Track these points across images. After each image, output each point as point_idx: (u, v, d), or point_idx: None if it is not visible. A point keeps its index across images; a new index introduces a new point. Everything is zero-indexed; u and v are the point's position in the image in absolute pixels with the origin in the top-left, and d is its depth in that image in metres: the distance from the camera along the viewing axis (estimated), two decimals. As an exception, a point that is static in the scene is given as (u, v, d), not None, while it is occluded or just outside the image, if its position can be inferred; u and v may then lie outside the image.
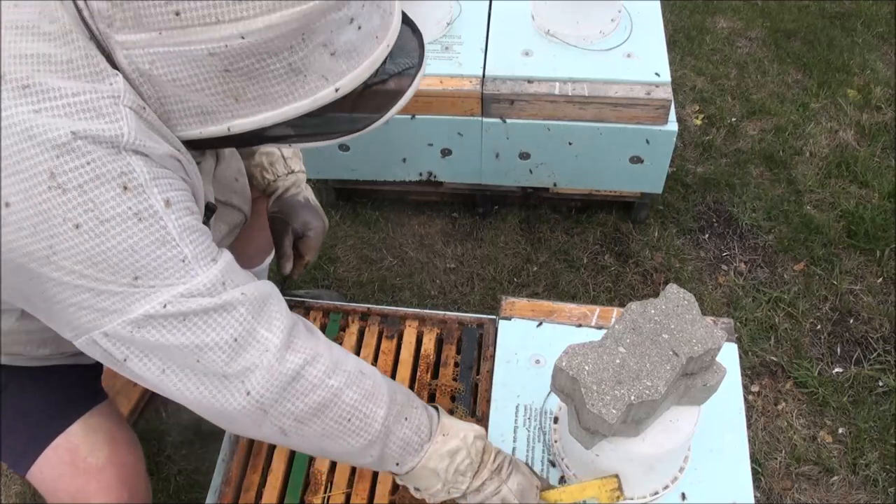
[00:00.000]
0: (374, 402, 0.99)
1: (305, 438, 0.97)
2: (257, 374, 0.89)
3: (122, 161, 0.82)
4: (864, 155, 2.45)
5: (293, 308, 1.53)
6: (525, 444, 1.30)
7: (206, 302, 0.86)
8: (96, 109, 0.81)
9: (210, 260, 0.88)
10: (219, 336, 0.87)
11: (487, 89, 1.95)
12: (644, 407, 1.04)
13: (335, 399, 0.95)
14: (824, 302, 2.11)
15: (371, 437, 0.99)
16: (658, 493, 1.21)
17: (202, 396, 0.90)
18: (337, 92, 0.87)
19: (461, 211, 2.35)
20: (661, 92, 1.92)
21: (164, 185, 0.86)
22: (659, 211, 2.32)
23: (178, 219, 0.86)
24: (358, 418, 0.98)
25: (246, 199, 1.32)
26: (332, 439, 0.98)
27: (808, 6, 3.02)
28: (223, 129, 0.87)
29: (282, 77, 0.83)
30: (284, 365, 0.91)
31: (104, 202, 0.81)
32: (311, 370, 0.93)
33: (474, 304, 2.13)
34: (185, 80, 0.82)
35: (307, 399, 0.93)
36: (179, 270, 0.85)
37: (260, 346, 0.90)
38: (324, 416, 0.95)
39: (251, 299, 0.90)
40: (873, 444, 1.84)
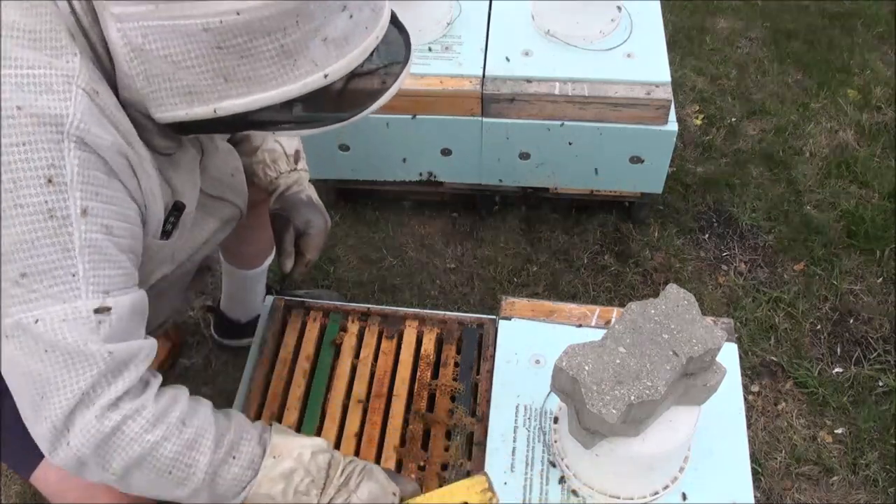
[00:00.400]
0: (197, 450, 0.97)
1: (130, 488, 0.96)
2: (77, 428, 0.89)
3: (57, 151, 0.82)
4: (864, 155, 2.45)
5: (293, 308, 1.53)
6: (525, 444, 1.30)
7: (72, 341, 0.86)
8: (47, 84, 0.82)
9: (101, 291, 0.87)
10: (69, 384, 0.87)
11: (487, 89, 1.95)
12: (644, 407, 1.04)
13: (152, 453, 0.93)
14: (824, 302, 2.11)
15: (195, 485, 0.97)
16: (658, 493, 1.21)
17: (37, 433, 0.90)
18: (326, 78, 0.87)
19: (461, 211, 2.35)
20: (661, 92, 1.92)
21: (90, 192, 0.85)
22: (659, 211, 2.32)
23: (87, 232, 0.85)
24: (179, 469, 0.95)
25: (241, 195, 1.31)
26: (157, 489, 0.97)
27: (808, 6, 3.02)
28: (209, 111, 0.87)
29: (273, 59, 0.84)
30: (104, 423, 0.89)
31: (25, 187, 0.81)
32: (132, 424, 0.91)
33: (474, 304, 2.12)
34: (176, 55, 0.82)
35: (123, 454, 0.92)
36: (66, 283, 0.85)
37: (89, 402, 0.89)
38: (143, 469, 0.94)
39: (114, 360, 0.89)
40: (873, 444, 1.84)
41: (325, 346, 1.48)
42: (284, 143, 1.40)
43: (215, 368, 1.99)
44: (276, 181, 1.41)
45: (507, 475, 1.26)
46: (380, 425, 1.37)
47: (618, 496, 1.21)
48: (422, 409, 1.38)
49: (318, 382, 1.43)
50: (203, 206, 1.21)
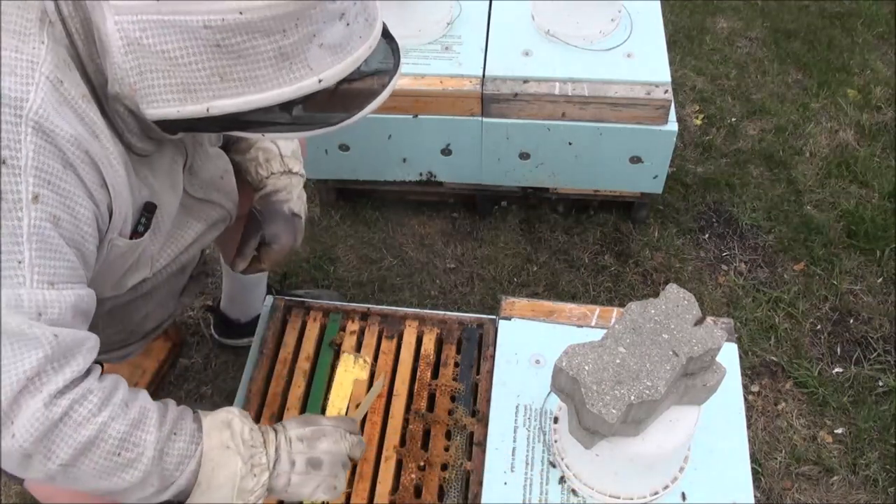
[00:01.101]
0: (143, 429, 0.96)
1: (77, 481, 0.93)
2: (23, 419, 0.86)
3: (15, 133, 0.81)
4: (864, 155, 2.45)
5: (293, 308, 1.53)
6: (525, 444, 1.30)
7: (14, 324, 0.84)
8: (10, 67, 0.81)
9: (46, 282, 0.86)
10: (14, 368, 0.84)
11: (487, 89, 1.95)
12: (644, 407, 1.04)
13: (101, 434, 0.91)
14: (824, 302, 2.11)
15: (145, 465, 0.95)
16: (658, 493, 1.21)
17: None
18: (320, 83, 0.88)
19: (461, 211, 2.35)
20: (661, 92, 1.92)
21: (43, 180, 0.84)
22: (659, 211, 2.32)
23: (36, 220, 0.84)
24: (128, 449, 0.94)
25: (230, 197, 1.30)
26: (106, 478, 0.94)
27: (808, 6, 3.02)
28: (202, 110, 0.87)
29: (270, 61, 0.84)
30: (51, 409, 0.87)
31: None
32: (79, 409, 0.90)
33: (474, 304, 2.12)
34: (174, 52, 0.83)
35: (72, 440, 0.89)
36: (10, 269, 0.83)
37: (34, 390, 0.86)
38: (91, 454, 0.91)
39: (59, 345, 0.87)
40: (873, 444, 1.84)
41: (325, 346, 1.48)
42: (280, 144, 1.38)
43: (215, 368, 1.99)
44: (266, 181, 1.39)
45: (507, 475, 1.26)
46: (380, 425, 1.37)
47: (618, 496, 1.21)
48: (422, 409, 1.38)
49: (318, 382, 1.43)
50: (188, 209, 1.20)
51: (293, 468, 1.09)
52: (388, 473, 1.30)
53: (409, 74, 1.97)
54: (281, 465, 1.08)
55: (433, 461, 1.31)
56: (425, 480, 1.29)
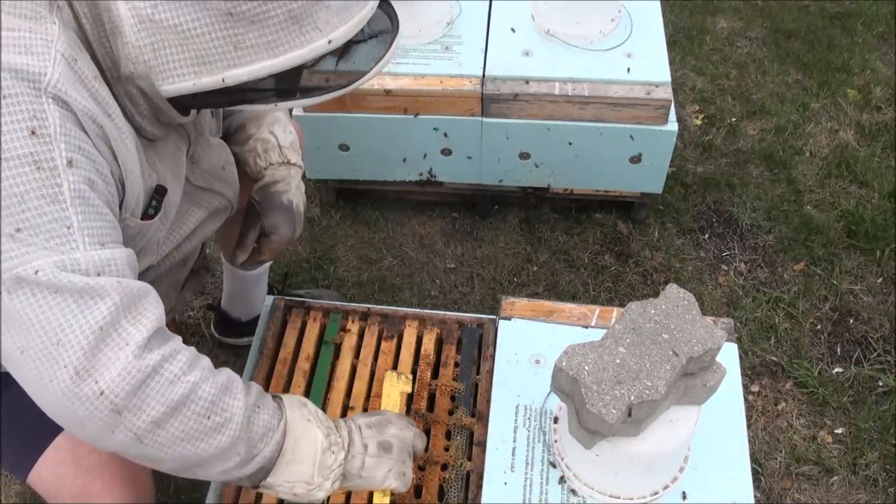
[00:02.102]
0: (231, 395, 0.96)
1: (164, 446, 0.90)
2: (112, 371, 0.85)
3: (38, 104, 0.82)
4: (864, 155, 2.45)
5: (293, 308, 1.53)
6: (525, 444, 1.30)
7: (78, 280, 0.83)
8: (27, 46, 0.83)
9: (97, 242, 0.86)
10: (84, 321, 0.84)
11: (487, 89, 1.95)
12: (644, 407, 1.04)
13: (192, 394, 0.90)
14: (824, 302, 2.11)
15: (234, 430, 0.95)
16: (658, 493, 1.21)
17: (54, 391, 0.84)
18: (330, 44, 0.90)
19: (461, 211, 2.35)
20: (661, 92, 1.92)
21: (73, 146, 0.85)
22: (659, 211, 2.32)
23: (75, 182, 0.85)
24: (217, 413, 0.93)
25: (231, 187, 1.31)
26: (194, 442, 0.92)
27: (808, 6, 3.02)
28: (217, 81, 0.89)
29: (281, 24, 0.86)
30: (143, 361, 0.86)
31: (10, 140, 0.81)
32: (169, 366, 0.89)
33: (474, 304, 2.13)
34: (186, 24, 0.84)
35: (164, 397, 0.88)
36: (62, 236, 0.84)
37: (121, 341, 0.86)
38: (182, 414, 0.90)
39: (125, 291, 0.87)
40: (873, 444, 1.84)
41: (325, 346, 1.48)
42: (279, 135, 1.38)
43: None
44: (264, 171, 1.39)
45: (507, 475, 1.26)
46: (380, 425, 1.37)
47: (618, 496, 1.21)
48: (422, 409, 1.38)
49: (318, 382, 1.43)
50: (189, 197, 1.21)
51: (366, 451, 1.10)
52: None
53: (409, 74, 1.97)
54: (355, 447, 1.09)
55: (433, 461, 1.31)
56: (425, 480, 1.29)
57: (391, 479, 1.12)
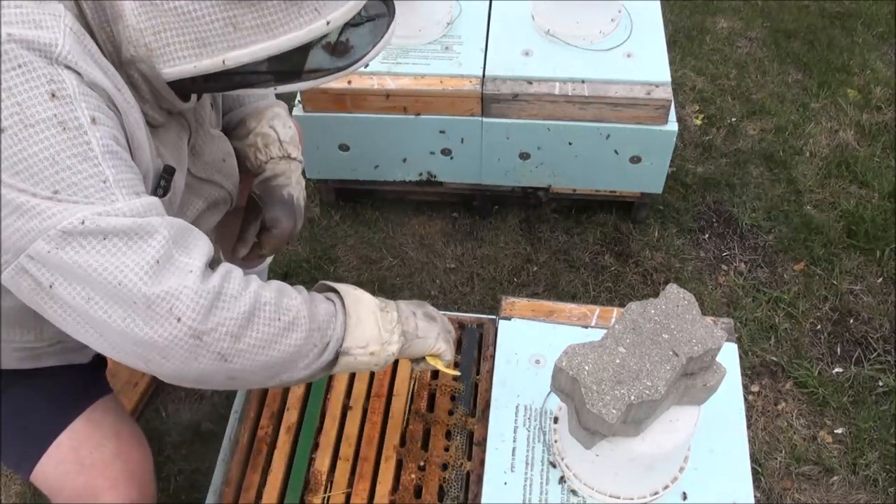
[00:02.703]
0: (289, 296, 0.99)
1: (247, 357, 0.93)
2: (183, 298, 0.87)
3: (53, 69, 0.83)
4: (864, 155, 2.45)
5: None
6: (525, 444, 1.30)
7: (126, 221, 0.85)
8: (36, 21, 0.84)
9: (132, 192, 0.88)
10: (140, 258, 0.85)
11: (487, 89, 1.95)
12: (644, 407, 1.04)
13: (257, 303, 0.94)
14: (824, 302, 2.11)
15: (305, 324, 0.98)
16: (658, 493, 1.21)
17: (131, 330, 0.86)
18: (328, 25, 0.91)
19: (461, 211, 2.35)
20: (661, 92, 1.92)
21: (93, 104, 0.86)
22: (659, 211, 2.32)
23: (102, 138, 0.86)
24: (284, 313, 0.97)
25: (231, 179, 1.31)
26: (273, 346, 0.95)
27: (808, 6, 3.02)
28: (218, 63, 0.90)
29: (279, 6, 0.87)
30: (208, 284, 0.89)
31: (31, 106, 0.82)
32: (230, 285, 0.92)
33: (474, 304, 2.13)
34: (186, 6, 0.86)
35: (235, 311, 0.91)
36: (100, 191, 0.85)
37: (182, 269, 0.88)
38: (255, 323, 0.93)
39: (172, 225, 0.90)
40: (873, 444, 1.84)
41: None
42: (279, 129, 1.38)
43: (215, 368, 1.99)
44: (265, 165, 1.39)
45: (507, 475, 1.26)
46: (380, 425, 1.37)
47: (618, 496, 1.21)
48: (422, 409, 1.38)
49: (317, 383, 1.43)
50: (190, 187, 1.21)
51: (415, 315, 1.15)
52: (388, 473, 1.30)
53: (409, 74, 1.97)
54: (404, 312, 1.14)
55: (433, 461, 1.31)
56: (425, 480, 1.29)
57: (441, 342, 1.17)
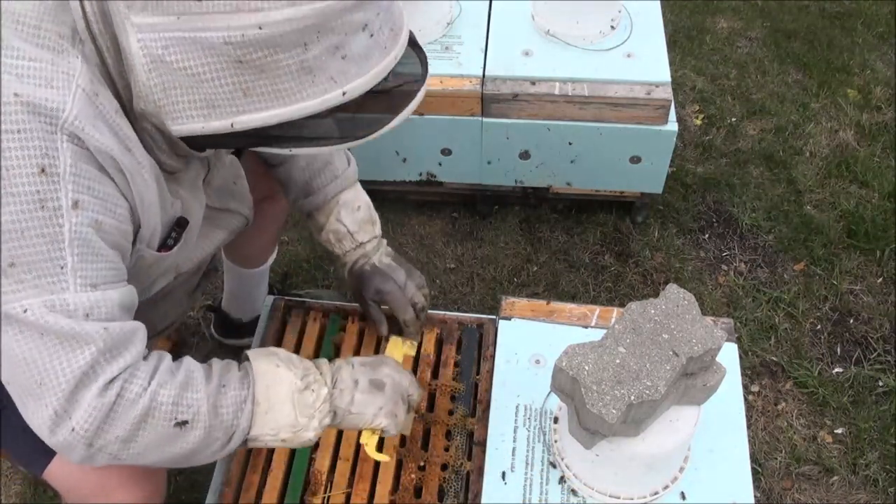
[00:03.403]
0: (193, 389, 0.98)
1: (141, 456, 0.95)
2: (80, 411, 0.89)
3: (51, 141, 0.82)
4: (864, 155, 2.45)
5: (293, 308, 1.53)
6: (525, 444, 1.30)
7: (65, 324, 0.86)
8: (47, 79, 0.82)
9: (89, 285, 0.88)
10: (67, 366, 0.87)
11: (487, 89, 1.95)
12: (644, 407, 1.04)
13: (153, 404, 0.94)
14: (824, 302, 2.11)
15: (204, 422, 0.97)
16: (658, 493, 1.21)
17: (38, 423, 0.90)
18: (344, 95, 0.87)
19: (461, 211, 2.35)
20: (661, 92, 1.92)
21: (83, 186, 0.85)
22: (659, 211, 2.32)
23: (77, 225, 0.85)
24: (182, 412, 0.96)
25: (246, 203, 1.31)
26: (168, 445, 0.96)
27: (808, 6, 3.02)
28: (227, 125, 0.87)
29: (292, 74, 0.83)
30: (105, 397, 0.90)
31: (17, 175, 0.81)
32: (130, 387, 0.92)
33: (474, 304, 2.13)
34: (196, 68, 0.82)
35: (126, 418, 0.92)
36: (54, 275, 0.85)
37: (91, 383, 0.89)
38: (148, 425, 0.94)
39: (111, 337, 0.90)
40: (873, 444, 1.84)
41: (326, 346, 1.48)
42: (347, 221, 1.38)
43: (215, 368, 1.98)
44: (344, 258, 1.41)
45: (507, 475, 1.26)
46: (380, 425, 1.37)
47: (618, 496, 1.21)
48: (422, 409, 1.38)
49: (318, 382, 1.42)
50: (209, 219, 1.20)
51: (356, 386, 1.11)
52: (388, 473, 1.30)
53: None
54: (343, 382, 1.10)
55: (433, 461, 1.31)
56: (425, 480, 1.29)
57: (381, 417, 1.12)
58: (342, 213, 1.37)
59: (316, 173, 1.37)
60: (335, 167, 1.38)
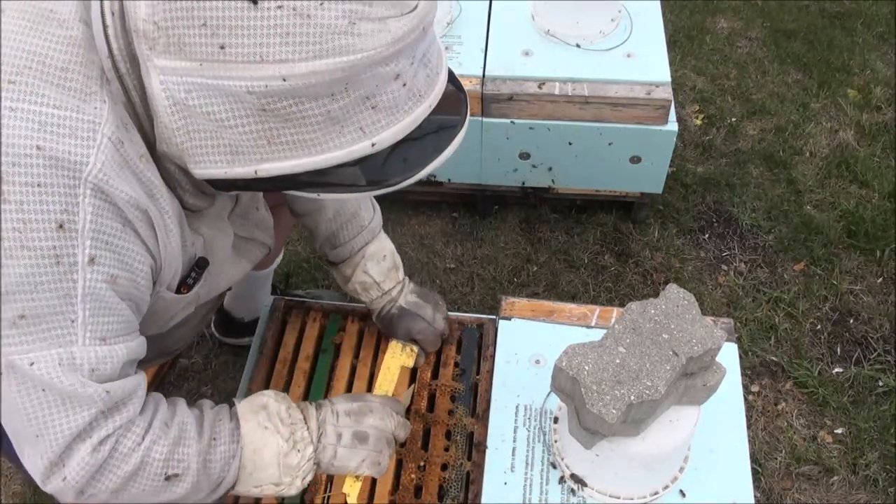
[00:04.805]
0: (185, 444, 0.99)
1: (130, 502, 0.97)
2: (72, 464, 0.90)
3: (72, 197, 0.80)
4: (864, 155, 2.45)
5: (293, 309, 1.53)
6: (525, 444, 1.30)
7: (68, 385, 0.86)
8: (72, 129, 0.80)
9: (98, 338, 0.88)
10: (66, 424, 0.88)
11: (487, 89, 1.95)
12: (644, 407, 1.04)
13: (145, 459, 0.95)
14: (824, 302, 2.11)
15: (192, 477, 0.99)
16: (658, 493, 1.21)
17: (31, 467, 0.91)
18: (373, 147, 0.84)
19: (461, 211, 2.35)
20: (661, 92, 1.92)
21: (101, 241, 0.84)
22: (659, 211, 2.32)
23: (91, 281, 0.84)
24: (173, 467, 0.97)
25: (268, 232, 1.29)
26: (157, 495, 0.98)
27: (808, 6, 3.02)
28: (250, 172, 0.84)
29: (318, 124, 0.81)
30: (97, 455, 0.91)
31: (35, 230, 0.80)
32: (125, 441, 0.94)
33: (474, 304, 2.12)
34: (219, 114, 0.80)
35: (119, 472, 0.94)
36: (64, 328, 0.85)
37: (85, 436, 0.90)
38: (138, 479, 0.95)
39: (111, 399, 0.91)
40: (873, 444, 1.84)
41: (325, 346, 1.48)
42: (373, 272, 1.39)
43: (215, 368, 1.99)
44: (371, 305, 1.43)
45: (507, 475, 1.26)
46: (380, 425, 1.37)
47: (618, 496, 1.21)
48: (422, 409, 1.38)
49: (317, 382, 1.43)
50: (236, 249, 1.19)
51: (339, 441, 1.12)
52: (388, 473, 1.30)
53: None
54: (327, 438, 1.11)
55: (433, 461, 1.31)
56: (425, 480, 1.29)
57: (364, 468, 1.14)
58: (368, 266, 1.38)
59: (342, 226, 1.37)
60: (361, 217, 1.38)
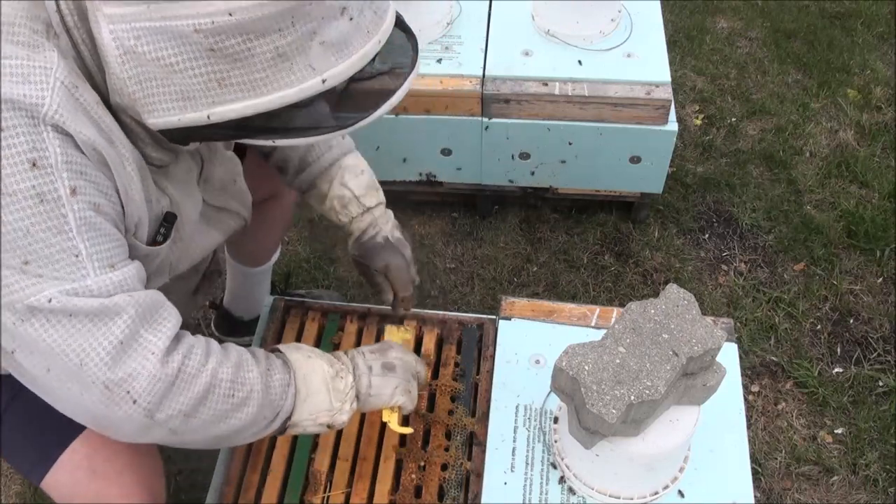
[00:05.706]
0: (247, 369, 1.01)
1: (198, 431, 0.96)
2: (141, 381, 0.89)
3: (36, 135, 0.81)
4: (864, 155, 2.45)
5: (292, 308, 1.53)
6: (525, 444, 1.30)
7: (93, 303, 0.85)
8: (24, 75, 0.81)
9: (107, 265, 0.87)
10: (103, 339, 0.87)
11: (487, 89, 1.95)
12: (644, 407, 1.04)
13: (214, 381, 0.96)
14: (824, 302, 2.11)
15: (257, 399, 1.00)
16: (658, 493, 1.21)
17: (87, 402, 0.89)
18: (324, 83, 0.84)
19: (461, 211, 2.35)
20: (661, 92, 1.92)
21: (76, 172, 0.84)
22: (659, 211, 2.32)
23: (80, 210, 0.84)
24: (238, 388, 0.99)
25: (245, 203, 1.30)
26: (225, 420, 0.98)
27: (808, 6, 3.02)
28: (203, 117, 0.84)
29: (268, 62, 0.80)
30: (167, 367, 0.90)
31: (10, 174, 0.80)
32: (190, 363, 0.93)
33: (474, 304, 2.12)
34: (169, 58, 0.80)
35: (190, 392, 0.93)
36: (71, 265, 0.84)
37: (144, 351, 0.89)
38: (209, 401, 0.96)
39: (139, 303, 0.90)
40: (873, 444, 1.84)
41: (324, 345, 1.48)
42: (352, 186, 1.34)
43: (215, 368, 1.99)
44: (350, 226, 1.37)
45: (507, 475, 1.26)
46: (379, 425, 1.37)
47: (618, 496, 1.21)
48: (422, 409, 1.38)
49: (318, 382, 1.42)
50: (207, 218, 1.19)
51: (371, 371, 1.16)
52: (387, 473, 1.30)
53: (410, 74, 1.97)
54: (359, 369, 1.15)
55: (433, 461, 1.31)
56: (425, 480, 1.29)
57: (398, 395, 1.18)
58: (346, 177, 1.34)
59: (314, 146, 1.34)
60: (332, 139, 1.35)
